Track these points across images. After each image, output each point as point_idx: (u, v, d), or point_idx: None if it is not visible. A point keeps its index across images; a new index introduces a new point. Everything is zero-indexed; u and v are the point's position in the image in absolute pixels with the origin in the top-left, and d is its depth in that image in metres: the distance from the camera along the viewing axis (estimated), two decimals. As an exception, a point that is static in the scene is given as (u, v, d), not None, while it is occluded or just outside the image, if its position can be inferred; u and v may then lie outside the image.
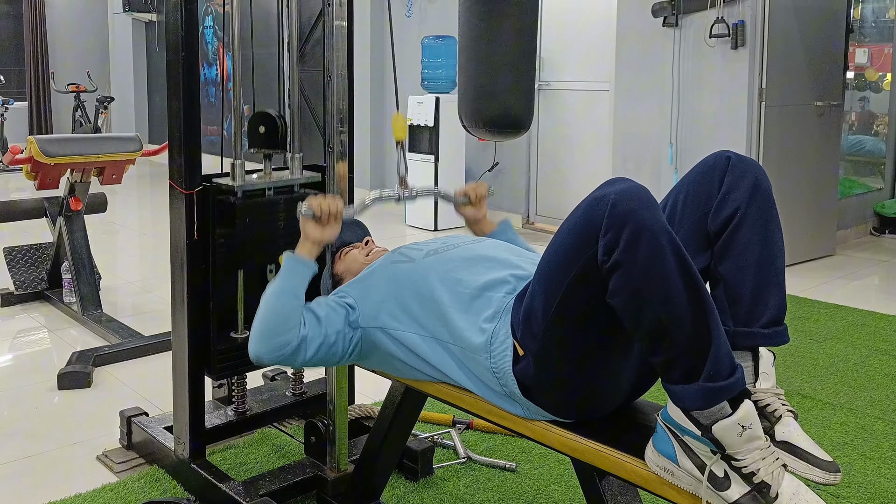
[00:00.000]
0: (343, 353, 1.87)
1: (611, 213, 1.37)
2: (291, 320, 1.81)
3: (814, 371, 3.48)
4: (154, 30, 10.97)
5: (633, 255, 1.35)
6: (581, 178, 6.37)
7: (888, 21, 6.75)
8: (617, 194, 1.38)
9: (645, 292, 1.35)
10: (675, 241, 1.37)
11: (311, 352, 1.82)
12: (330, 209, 1.91)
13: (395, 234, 6.33)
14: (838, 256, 5.67)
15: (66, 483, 2.52)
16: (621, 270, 1.36)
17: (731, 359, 1.38)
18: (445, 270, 1.81)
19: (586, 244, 1.41)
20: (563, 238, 1.48)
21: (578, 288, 1.46)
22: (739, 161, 1.64)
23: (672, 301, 1.34)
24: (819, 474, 1.42)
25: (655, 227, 1.36)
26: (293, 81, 2.56)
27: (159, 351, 3.62)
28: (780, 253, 1.62)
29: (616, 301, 1.40)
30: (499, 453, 2.68)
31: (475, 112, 2.31)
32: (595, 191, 1.44)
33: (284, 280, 1.86)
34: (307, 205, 1.90)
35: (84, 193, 4.23)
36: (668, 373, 1.39)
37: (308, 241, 1.92)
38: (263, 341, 1.81)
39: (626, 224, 1.36)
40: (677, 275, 1.35)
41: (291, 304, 1.83)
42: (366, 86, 7.56)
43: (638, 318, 1.38)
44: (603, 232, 1.38)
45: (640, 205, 1.37)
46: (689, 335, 1.35)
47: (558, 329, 1.51)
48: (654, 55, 5.49)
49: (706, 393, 1.35)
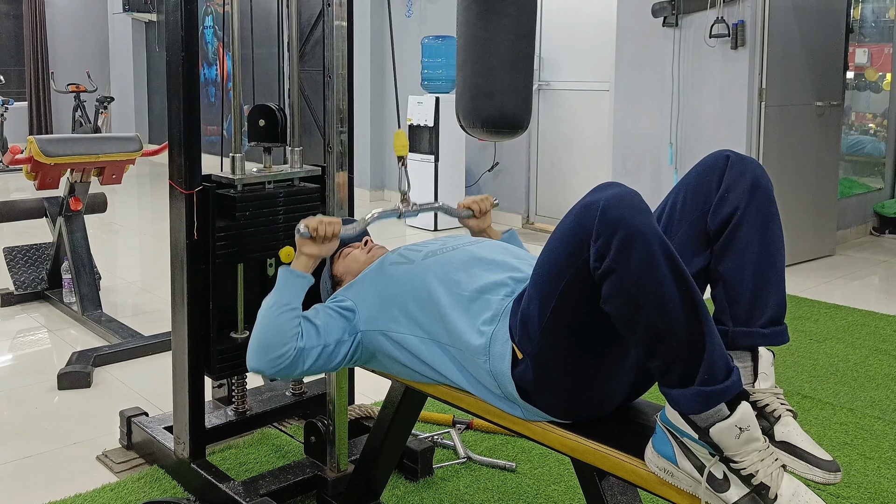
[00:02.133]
0: (343, 360, 1.88)
1: (601, 219, 1.37)
2: (288, 333, 1.81)
3: (814, 371, 3.48)
4: (154, 30, 10.97)
5: (625, 261, 1.35)
6: (581, 178, 6.37)
7: (888, 21, 6.75)
8: (607, 200, 1.38)
9: (638, 298, 1.35)
10: (667, 246, 1.36)
11: (309, 362, 1.83)
12: (326, 232, 1.91)
13: (395, 234, 6.33)
14: (838, 256, 5.67)
15: (66, 483, 2.52)
16: (614, 276, 1.36)
17: (726, 361, 1.38)
18: (444, 272, 1.81)
19: (578, 250, 1.41)
20: (555, 244, 1.48)
21: (572, 293, 1.46)
22: (739, 160, 1.63)
23: (666, 306, 1.34)
24: (819, 474, 1.42)
25: (647, 232, 1.35)
26: (293, 81, 2.56)
27: (159, 351, 3.62)
28: (780, 252, 1.61)
29: (610, 307, 1.40)
30: (499, 453, 2.68)
31: (473, 112, 2.30)
32: (585, 196, 1.43)
33: (280, 294, 1.86)
34: (304, 225, 1.89)
35: (84, 193, 4.23)
36: (665, 377, 1.39)
37: (303, 256, 1.92)
38: (261, 355, 1.81)
39: (618, 230, 1.35)
40: (670, 279, 1.34)
41: (287, 317, 1.83)
42: (366, 86, 7.56)
43: (632, 323, 1.38)
44: (594, 238, 1.38)
45: (631, 210, 1.37)
46: (683, 340, 1.35)
47: (554, 333, 1.52)
48: (654, 55, 5.49)
49: (701, 397, 1.35)
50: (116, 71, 11.63)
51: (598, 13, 6.15)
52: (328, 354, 1.84)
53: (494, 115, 2.24)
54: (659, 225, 1.57)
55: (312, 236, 1.89)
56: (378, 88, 7.66)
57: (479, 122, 2.31)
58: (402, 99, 6.70)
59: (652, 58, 5.51)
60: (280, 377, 1.89)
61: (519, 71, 2.28)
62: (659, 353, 1.37)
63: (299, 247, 1.92)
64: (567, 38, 6.41)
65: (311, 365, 1.83)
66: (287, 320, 1.82)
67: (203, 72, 10.03)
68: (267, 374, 1.85)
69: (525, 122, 2.34)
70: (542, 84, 6.58)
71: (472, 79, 2.28)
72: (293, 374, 1.84)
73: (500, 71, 2.25)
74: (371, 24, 7.56)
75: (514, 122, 2.30)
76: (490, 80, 2.25)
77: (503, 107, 2.27)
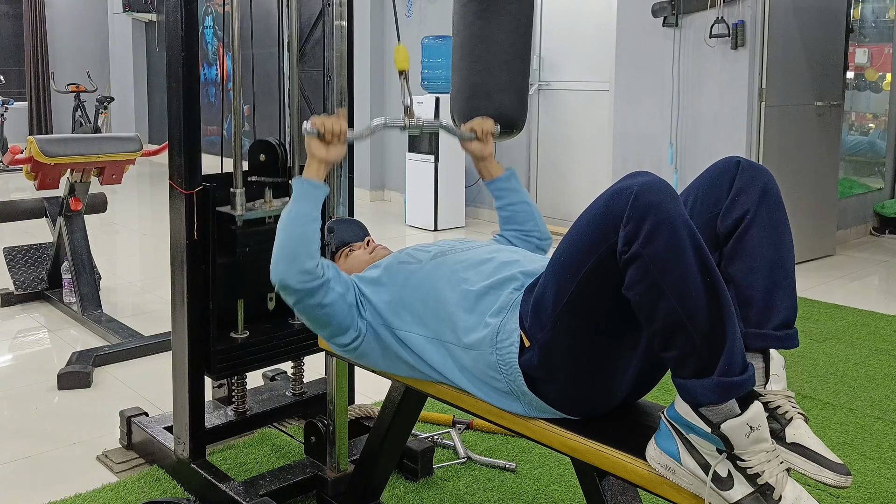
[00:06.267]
0: (349, 327, 1.85)
1: (633, 204, 1.37)
2: (312, 244, 1.78)
3: (814, 371, 3.48)
4: (154, 30, 10.98)
5: (652, 247, 1.34)
6: (581, 178, 6.37)
7: (888, 21, 6.75)
8: (640, 186, 1.38)
9: (662, 285, 1.34)
10: (696, 235, 1.36)
11: (330, 297, 1.79)
12: (333, 128, 1.87)
13: (396, 234, 6.33)
14: (838, 256, 5.67)
15: (66, 483, 2.52)
16: (639, 262, 1.36)
17: (743, 356, 1.38)
18: (452, 271, 1.81)
19: (605, 235, 1.41)
20: (582, 228, 1.47)
21: (593, 279, 1.46)
22: (749, 166, 1.64)
23: (689, 295, 1.34)
24: (830, 476, 1.42)
25: (677, 220, 1.35)
26: (293, 81, 2.56)
27: (159, 351, 3.62)
28: (790, 256, 1.61)
29: (632, 293, 1.39)
30: (499, 453, 2.68)
31: (469, 111, 2.29)
32: (617, 182, 1.43)
33: (298, 204, 1.82)
34: (311, 123, 1.86)
35: (84, 193, 4.23)
36: (681, 368, 1.39)
37: (314, 160, 1.88)
38: (288, 265, 1.76)
39: (648, 216, 1.35)
40: (696, 269, 1.34)
41: (310, 228, 1.79)
42: (366, 86, 7.57)
43: (653, 311, 1.37)
44: (624, 223, 1.37)
45: (663, 197, 1.36)
46: (705, 330, 1.34)
47: (568, 320, 1.51)
48: (654, 55, 5.50)
49: (720, 387, 1.35)
50: (116, 71, 11.63)
51: (598, 13, 6.15)
52: (342, 305, 1.82)
53: (491, 115, 2.23)
54: None
55: (320, 132, 1.87)
56: (378, 88, 7.66)
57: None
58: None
59: (652, 58, 5.51)
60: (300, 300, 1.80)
61: (516, 70, 2.27)
62: (677, 342, 1.37)
63: (308, 147, 1.89)
64: (567, 38, 6.42)
65: (330, 302, 1.79)
66: (310, 231, 1.79)
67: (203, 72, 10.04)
68: (292, 289, 1.78)
69: (521, 122, 2.33)
70: (542, 84, 6.58)
71: (468, 78, 2.28)
72: (312, 300, 1.79)
73: (497, 70, 2.24)
74: (371, 24, 7.56)
75: (510, 121, 2.29)
76: (487, 80, 2.25)
77: (500, 106, 2.26)
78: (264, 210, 2.46)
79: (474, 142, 2.20)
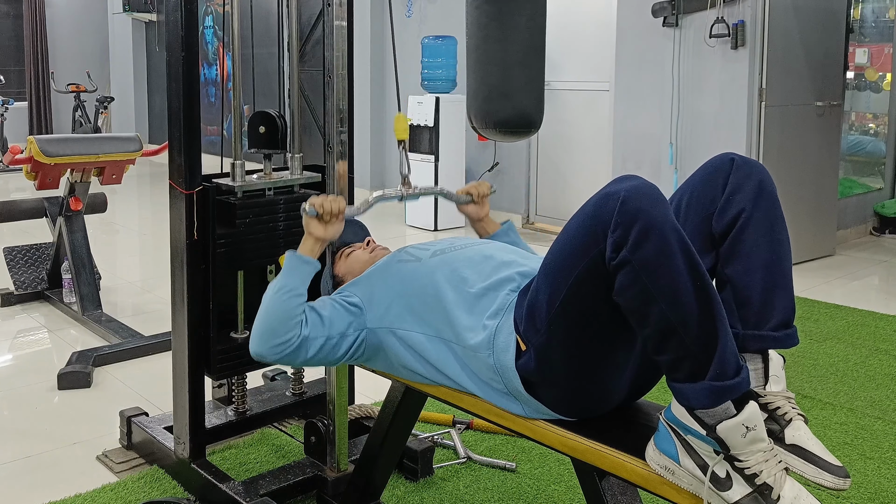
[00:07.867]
0: (345, 354, 1.87)
1: (620, 209, 1.36)
2: (293, 319, 1.81)
3: (814, 371, 3.48)
4: (154, 30, 10.97)
5: (641, 253, 1.34)
6: (581, 178, 6.37)
7: (888, 21, 6.75)
8: (627, 191, 1.37)
9: (652, 291, 1.34)
10: (685, 240, 1.36)
11: (312, 351, 1.82)
12: (332, 208, 1.92)
13: (396, 234, 6.33)
14: (838, 256, 5.67)
15: (66, 483, 2.52)
16: (629, 268, 1.36)
17: (736, 359, 1.37)
18: (451, 270, 1.81)
19: (594, 241, 1.41)
20: (571, 234, 1.47)
21: (584, 284, 1.46)
22: (744, 163, 1.63)
23: (680, 300, 1.34)
24: (828, 478, 1.42)
25: (665, 225, 1.35)
26: (293, 81, 2.56)
27: (159, 351, 3.62)
28: (788, 255, 1.60)
29: (622, 299, 1.39)
30: (499, 453, 2.68)
31: (487, 113, 2.30)
32: (605, 187, 1.43)
33: (286, 278, 1.86)
34: (310, 204, 1.91)
35: (84, 193, 4.23)
36: (674, 372, 1.39)
37: (311, 239, 1.93)
38: (265, 340, 1.81)
39: (636, 221, 1.35)
40: (686, 273, 1.34)
41: (293, 303, 1.83)
42: (366, 86, 7.56)
43: (644, 316, 1.37)
44: (612, 229, 1.37)
45: (651, 202, 1.36)
46: (696, 334, 1.34)
47: (561, 324, 1.51)
48: (654, 55, 5.49)
49: (712, 392, 1.35)
50: (116, 71, 11.63)
51: (598, 13, 6.15)
52: (331, 347, 1.84)
53: (511, 116, 2.24)
54: None
55: (318, 213, 1.90)
56: (378, 88, 7.66)
57: (493, 123, 2.30)
58: (402, 99, 6.70)
59: (652, 58, 5.51)
60: (281, 364, 1.89)
61: (533, 69, 2.28)
62: (669, 347, 1.37)
63: (306, 227, 1.93)
64: (567, 38, 6.41)
65: (314, 355, 1.83)
66: (293, 306, 1.82)
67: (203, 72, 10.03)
68: (269, 360, 1.85)
69: (539, 121, 2.35)
70: (542, 84, 6.58)
71: (486, 80, 2.28)
72: (294, 362, 1.84)
73: (516, 71, 2.25)
74: (371, 24, 7.56)
75: (530, 121, 2.32)
76: (505, 81, 2.25)
77: (520, 107, 2.27)
78: (264, 182, 2.46)
79: (471, 205, 2.23)
